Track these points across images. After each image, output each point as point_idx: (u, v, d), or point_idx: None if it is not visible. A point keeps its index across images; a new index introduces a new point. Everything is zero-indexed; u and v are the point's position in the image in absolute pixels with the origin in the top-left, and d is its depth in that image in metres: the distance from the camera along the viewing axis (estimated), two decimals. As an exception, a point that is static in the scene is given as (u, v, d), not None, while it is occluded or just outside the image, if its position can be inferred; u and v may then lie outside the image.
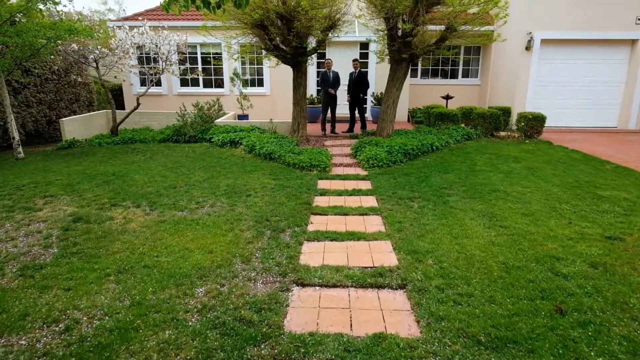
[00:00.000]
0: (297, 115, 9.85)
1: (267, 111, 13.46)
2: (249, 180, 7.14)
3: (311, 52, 9.56)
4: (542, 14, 11.38)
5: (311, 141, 10.13)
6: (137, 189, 6.63)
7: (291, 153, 8.42)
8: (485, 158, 8.52)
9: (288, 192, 6.47)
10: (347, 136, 10.65)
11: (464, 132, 10.12)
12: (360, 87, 10.75)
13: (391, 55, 9.55)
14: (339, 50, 12.88)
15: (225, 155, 9.12)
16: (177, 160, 8.71)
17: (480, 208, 5.64)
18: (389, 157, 8.06)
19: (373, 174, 7.53)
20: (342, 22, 9.57)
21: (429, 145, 8.83)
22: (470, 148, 9.35)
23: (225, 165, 8.21)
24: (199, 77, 13.65)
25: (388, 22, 8.72)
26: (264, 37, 8.70)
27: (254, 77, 13.81)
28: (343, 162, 8.40)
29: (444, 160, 8.34)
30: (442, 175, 7.29)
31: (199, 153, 9.39)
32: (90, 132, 11.90)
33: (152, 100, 13.57)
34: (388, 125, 9.80)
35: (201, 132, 10.83)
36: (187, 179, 7.21)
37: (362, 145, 8.78)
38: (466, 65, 14.29)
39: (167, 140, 10.95)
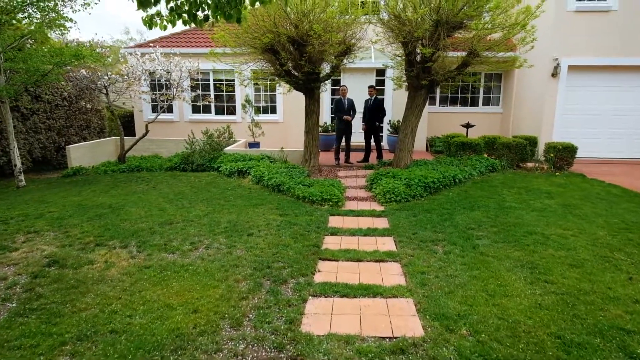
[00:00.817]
0: (309, 144, 9.15)
1: (279, 139, 12.83)
2: (253, 215, 6.39)
3: (324, 78, 8.93)
4: (570, 39, 10.61)
5: (324, 171, 9.39)
6: (130, 225, 5.93)
7: (301, 185, 7.67)
8: (514, 193, 7.62)
9: (295, 230, 5.68)
10: (362, 166, 9.89)
11: (488, 163, 9.25)
12: (376, 115, 10.05)
13: (409, 82, 8.85)
14: (354, 77, 12.28)
15: (232, 186, 8.42)
16: (179, 191, 8.05)
17: (517, 256, 4.74)
18: (408, 191, 7.23)
19: (390, 210, 6.70)
20: (357, 48, 8.95)
21: (451, 177, 7.98)
22: (496, 181, 8.46)
23: (230, 197, 7.49)
24: (211, 104, 13.18)
25: (406, 46, 8.06)
26: (275, 62, 8.11)
27: (267, 104, 13.28)
28: (357, 196, 7.60)
29: (468, 195, 7.47)
30: (468, 213, 6.41)
31: (205, 183, 8.72)
32: (98, 159, 11.41)
33: (163, 127, 13.11)
34: (406, 155, 9.01)
35: (209, 160, 10.21)
36: (186, 214, 6.50)
37: (378, 177, 7.99)
38: (487, 93, 13.52)
39: (175, 168, 10.36)
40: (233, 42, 7.70)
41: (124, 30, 42.64)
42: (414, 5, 7.65)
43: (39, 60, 8.43)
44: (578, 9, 10.49)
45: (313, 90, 8.76)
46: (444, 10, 7.59)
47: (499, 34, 8.29)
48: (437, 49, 7.77)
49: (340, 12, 8.09)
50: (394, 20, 8.19)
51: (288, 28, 7.56)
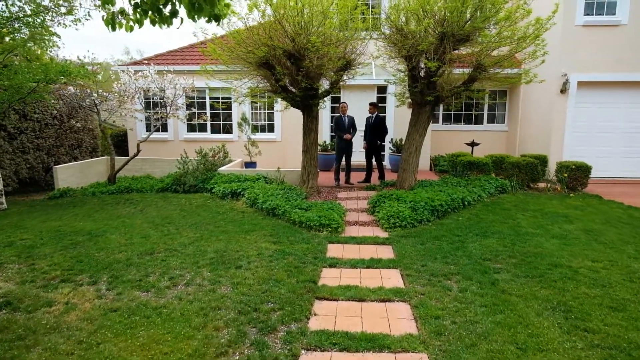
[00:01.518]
0: (307, 164, 8.52)
1: (277, 158, 12.23)
2: (243, 243, 5.71)
3: (323, 94, 8.36)
4: (578, 54, 10.08)
5: (323, 193, 8.73)
6: (106, 255, 5.26)
7: (298, 208, 7.01)
8: (528, 217, 6.94)
9: (289, 262, 4.99)
10: (364, 187, 9.23)
11: (498, 183, 8.59)
12: (377, 133, 9.45)
13: (413, 98, 8.27)
14: (355, 94, 11.75)
15: (224, 209, 7.76)
16: (167, 215, 7.38)
17: (545, 295, 4.04)
18: (414, 215, 6.56)
19: (395, 237, 6.02)
20: (358, 63, 8.40)
21: (460, 200, 7.32)
22: (507, 203, 7.79)
23: (221, 222, 6.82)
24: (207, 123, 12.62)
25: (410, 61, 7.50)
26: (271, 77, 7.54)
27: (265, 122, 12.71)
28: (359, 220, 6.93)
29: (479, 219, 6.79)
30: (482, 241, 5.72)
31: (195, 206, 8.06)
32: (87, 179, 10.79)
33: (157, 146, 12.53)
34: (410, 175, 8.36)
35: (203, 181, 9.57)
36: (171, 241, 5.82)
37: (380, 199, 7.33)
38: (491, 110, 12.96)
39: (166, 189, 9.71)
40: (226, 56, 7.15)
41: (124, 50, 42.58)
42: (418, 17, 7.12)
43: (23, 77, 7.89)
44: (586, 23, 9.99)
45: (311, 107, 8.18)
46: (449, 22, 7.05)
47: (506, 48, 7.75)
48: (443, 63, 7.21)
49: (340, 24, 7.56)
50: (396, 33, 7.66)
51: (284, 41, 7.01)
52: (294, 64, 7.32)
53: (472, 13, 7.05)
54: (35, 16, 8.40)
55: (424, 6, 7.04)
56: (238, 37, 6.83)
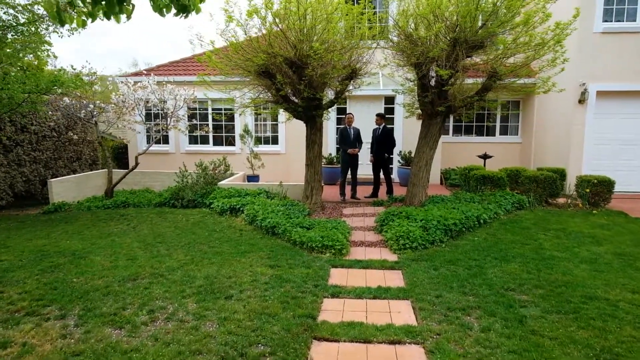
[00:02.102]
0: (311, 178, 7.96)
1: (281, 171, 11.69)
2: (237, 267, 5.13)
3: (328, 105, 7.83)
4: (597, 63, 9.46)
5: (327, 209, 8.14)
6: (84, 281, 4.71)
7: (299, 227, 6.43)
8: (551, 237, 6.28)
9: (286, 291, 4.40)
10: (371, 202, 8.63)
11: (515, 199, 7.94)
12: (385, 145, 8.87)
13: (423, 109, 7.70)
14: (361, 105, 11.21)
15: (221, 226, 7.20)
16: (161, 233, 6.85)
17: (584, 338, 3.39)
18: (426, 235, 5.94)
19: (405, 260, 5.39)
20: (364, 73, 7.88)
21: (475, 218, 6.68)
22: (526, 221, 7.13)
23: (216, 242, 6.26)
24: (209, 134, 12.15)
25: (419, 68, 6.94)
26: (271, 87, 7.03)
27: (268, 134, 12.21)
28: (365, 240, 6.32)
29: (497, 239, 6.14)
30: (502, 266, 5.08)
31: (192, 223, 7.52)
32: (84, 193, 10.33)
33: (158, 159, 12.07)
34: (420, 191, 7.75)
35: (202, 195, 9.04)
36: (159, 265, 5.27)
37: (389, 216, 6.72)
38: (504, 121, 12.32)
39: (164, 204, 9.20)
40: (223, 64, 6.65)
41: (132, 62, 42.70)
42: (428, 22, 6.58)
43: (12, 88, 7.47)
44: (605, 30, 9.38)
45: (315, 119, 7.64)
46: (461, 28, 6.50)
47: (522, 55, 7.17)
48: (456, 71, 6.64)
49: (345, 31, 7.05)
50: (405, 40, 7.13)
51: (285, 48, 6.51)
52: (295, 73, 6.80)
53: (485, 18, 6.50)
54: (29, 25, 8.02)
55: (435, 11, 6.51)
56: (236, 44, 6.34)
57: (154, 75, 10.40)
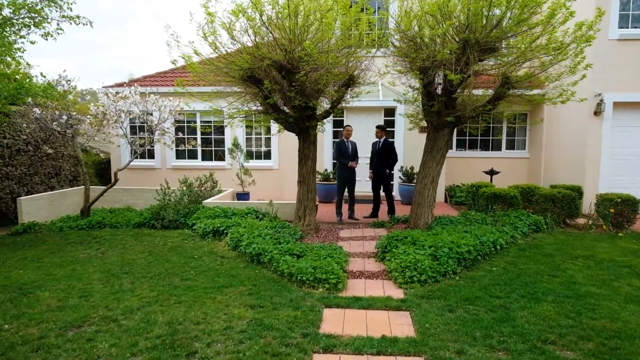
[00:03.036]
0: (304, 196, 7.01)
1: (274, 188, 10.74)
2: (211, 308, 4.14)
3: (323, 116, 6.94)
4: (614, 72, 8.64)
5: (322, 231, 7.17)
6: (16, 328, 3.72)
7: (289, 255, 5.45)
8: (581, 266, 5.32)
9: (267, 343, 3.41)
10: (371, 223, 7.67)
11: (531, 220, 7.00)
12: (386, 160, 7.97)
13: (428, 120, 6.82)
14: (359, 117, 10.34)
15: (201, 252, 6.23)
16: (130, 261, 5.86)
17: None
18: (436, 266, 4.97)
19: (413, 298, 4.41)
20: (363, 81, 7.01)
21: (491, 243, 5.73)
22: (547, 246, 6.17)
23: (191, 273, 5.27)
24: (197, 149, 11.22)
25: (425, 74, 6.06)
26: (258, 94, 6.14)
27: (261, 148, 11.30)
28: (365, 270, 5.35)
29: (519, 270, 5.18)
30: (533, 307, 4.11)
31: (169, 248, 6.54)
32: (59, 212, 9.34)
33: (143, 175, 11.13)
34: (426, 211, 6.81)
35: (184, 215, 8.08)
36: (116, 304, 4.28)
37: (392, 242, 5.75)
38: (510, 135, 11.45)
39: (143, 224, 8.23)
40: (201, 67, 5.77)
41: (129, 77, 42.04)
42: (436, 20, 5.74)
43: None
44: (622, 37, 8.58)
45: (308, 131, 6.73)
46: (472, 28, 5.66)
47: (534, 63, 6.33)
48: (467, 76, 5.77)
49: (342, 32, 6.19)
50: (408, 44, 6.28)
51: (274, 50, 5.64)
52: (285, 78, 5.91)
53: (500, 17, 5.66)
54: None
55: (443, 9, 5.67)
56: (215, 44, 5.46)
57: (137, 86, 9.53)
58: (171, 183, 9.28)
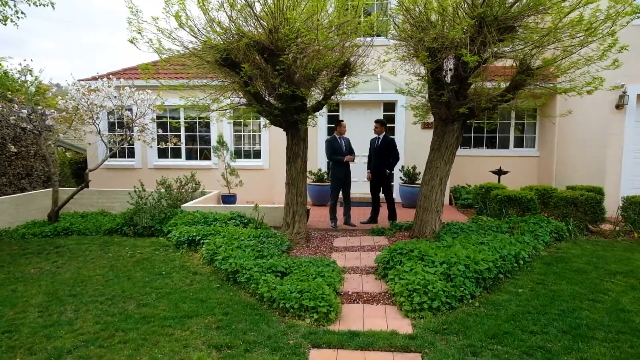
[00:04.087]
0: (292, 200, 6.01)
1: (263, 190, 9.73)
2: (164, 350, 3.14)
3: (314, 108, 5.93)
4: (638, 60, 7.64)
5: (313, 240, 6.16)
6: None
7: (271, 272, 4.45)
8: (623, 286, 4.33)
9: (228, 413, 2.41)
10: (369, 230, 6.68)
11: (552, 227, 6.01)
12: (386, 159, 6.97)
13: (436, 112, 5.82)
14: (356, 113, 9.33)
15: (171, 266, 5.22)
16: (86, 278, 4.85)
17: None
18: (451, 289, 3.96)
19: (425, 334, 3.41)
20: (361, 69, 6.00)
21: (513, 258, 4.73)
22: (575, 259, 5.18)
23: (151, 296, 4.26)
24: (181, 147, 10.19)
25: (434, 57, 5.04)
26: (237, 81, 5.12)
27: (250, 146, 10.26)
28: (363, 291, 4.35)
29: (550, 291, 4.18)
30: (580, 349, 3.10)
31: (135, 261, 5.53)
32: (25, 216, 8.30)
33: (122, 175, 10.09)
34: (433, 217, 5.82)
35: (160, 221, 7.07)
36: (43, 343, 3.26)
37: (395, 255, 4.75)
38: (518, 132, 10.46)
39: (115, 231, 7.21)
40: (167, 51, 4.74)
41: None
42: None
43: None
44: (647, 22, 7.60)
45: (297, 125, 5.72)
46: (489, 2, 4.65)
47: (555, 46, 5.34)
48: (484, 60, 4.76)
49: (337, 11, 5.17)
50: (414, 25, 5.27)
51: (254, 27, 4.63)
52: (269, 62, 4.89)
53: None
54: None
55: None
56: (179, 16, 4.43)
57: (113, 78, 8.49)
58: (153, 184, 8.27)
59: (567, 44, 5.21)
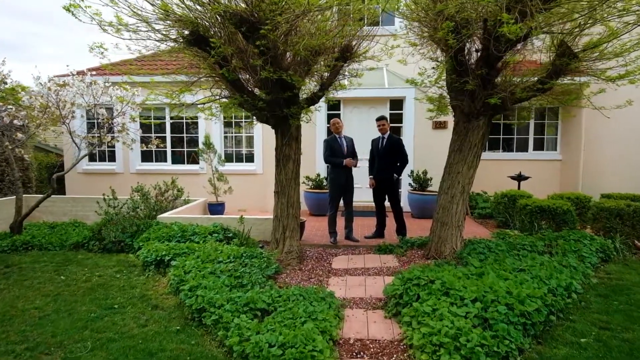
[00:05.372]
0: (282, 212, 4.88)
1: (257, 197, 8.61)
2: None
3: (309, 101, 4.80)
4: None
5: (308, 261, 5.01)
6: None
7: (249, 313, 3.30)
8: None
9: None
10: (375, 246, 5.52)
11: (597, 245, 4.84)
12: (392, 162, 5.81)
13: (457, 105, 4.67)
14: (359, 111, 8.19)
15: (128, 297, 4.09)
16: (19, 311, 3.74)
17: None
18: (491, 341, 2.79)
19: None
20: (363, 56, 4.87)
21: (564, 290, 3.56)
22: (635, 288, 4.00)
23: (85, 345, 3.13)
24: (167, 150, 9.07)
25: (458, 34, 3.89)
26: (211, 64, 4.00)
27: (242, 148, 9.13)
28: (368, 338, 3.18)
29: (622, 341, 3.00)
30: None
31: (88, 288, 4.40)
32: (-12, 227, 7.23)
33: (102, 181, 8.98)
34: (453, 233, 4.66)
35: (132, 234, 5.95)
36: None
37: (410, 287, 3.58)
38: (537, 133, 9.27)
39: (82, 246, 6.12)
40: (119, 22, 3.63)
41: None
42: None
43: None
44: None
45: (287, 121, 4.59)
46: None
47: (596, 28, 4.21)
48: (525, 35, 3.62)
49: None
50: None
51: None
52: (249, 39, 3.76)
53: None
54: None
55: None
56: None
57: (88, 73, 7.42)
58: (104, 194, 7.15)
59: (610, 26, 4.07)
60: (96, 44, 4.05)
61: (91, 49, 4.08)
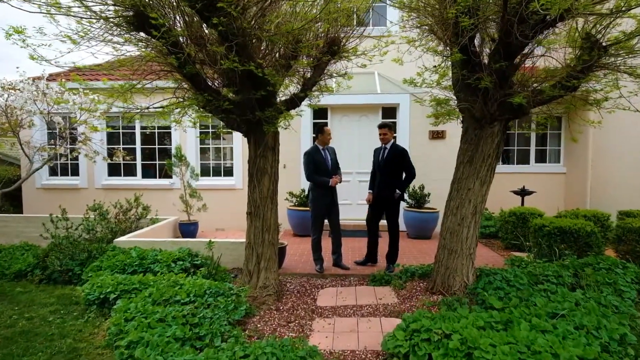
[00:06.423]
0: (257, 238, 3.94)
1: (235, 215, 7.64)
2: None
3: (287, 104, 3.92)
4: None
5: (288, 297, 4.07)
6: None
7: (197, 385, 2.36)
8: None
9: None
10: (368, 276, 4.60)
11: (631, 275, 4.00)
12: (396, 174, 4.90)
13: (466, 108, 3.83)
14: (348, 119, 7.35)
15: (51, 351, 3.13)
16: None
17: None
18: None
19: None
20: (353, 51, 4.04)
21: (617, 344, 2.69)
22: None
23: None
24: (136, 162, 8.08)
25: (471, 17, 3.09)
26: (157, 53, 3.12)
27: (220, 161, 8.20)
28: (365, 422, 2.27)
29: None
30: None
31: (7, 337, 3.41)
32: None
33: (63, 197, 7.94)
34: (464, 263, 3.79)
35: (82, 262, 4.95)
36: None
37: (417, 342, 2.68)
38: (539, 145, 8.53)
39: (24, 275, 5.12)
40: None
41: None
42: None
43: None
44: None
45: (260, 127, 3.69)
46: None
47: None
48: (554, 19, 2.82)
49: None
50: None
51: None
52: (208, 20, 2.88)
53: None
54: None
55: None
56: None
57: (44, 77, 6.48)
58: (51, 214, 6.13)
59: None
60: (14, 27, 3.14)
61: (8, 34, 3.16)
